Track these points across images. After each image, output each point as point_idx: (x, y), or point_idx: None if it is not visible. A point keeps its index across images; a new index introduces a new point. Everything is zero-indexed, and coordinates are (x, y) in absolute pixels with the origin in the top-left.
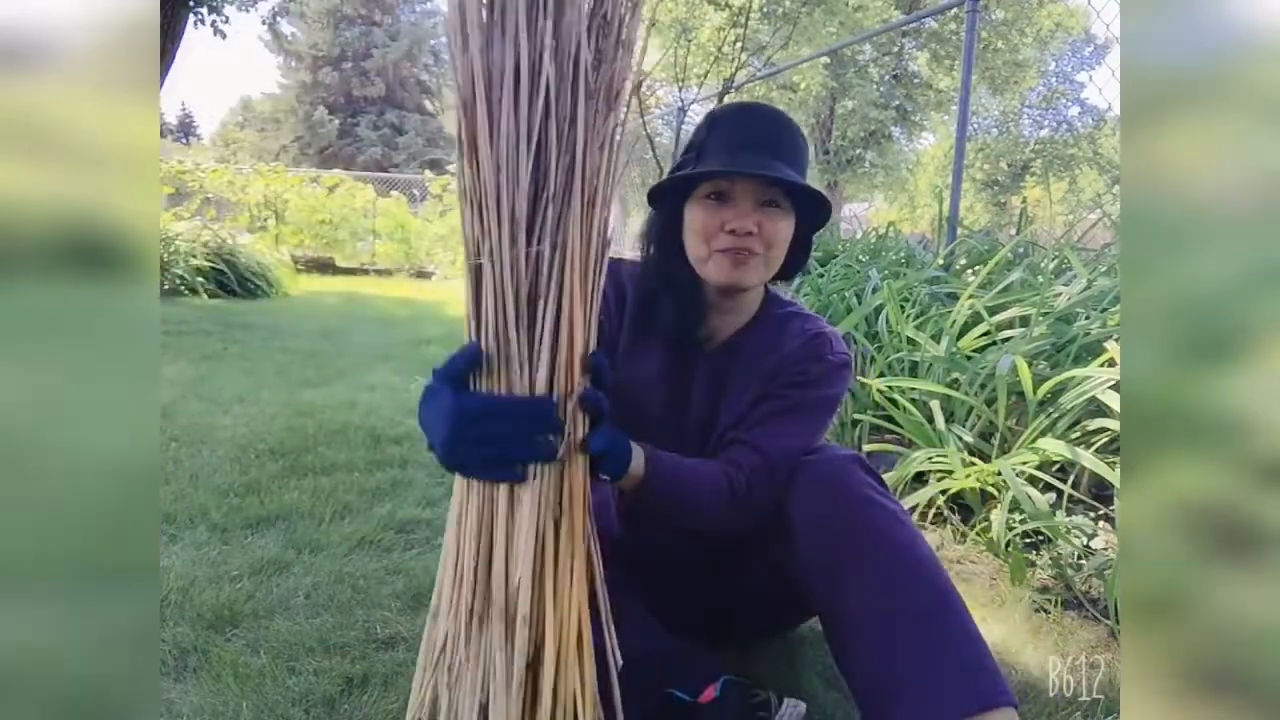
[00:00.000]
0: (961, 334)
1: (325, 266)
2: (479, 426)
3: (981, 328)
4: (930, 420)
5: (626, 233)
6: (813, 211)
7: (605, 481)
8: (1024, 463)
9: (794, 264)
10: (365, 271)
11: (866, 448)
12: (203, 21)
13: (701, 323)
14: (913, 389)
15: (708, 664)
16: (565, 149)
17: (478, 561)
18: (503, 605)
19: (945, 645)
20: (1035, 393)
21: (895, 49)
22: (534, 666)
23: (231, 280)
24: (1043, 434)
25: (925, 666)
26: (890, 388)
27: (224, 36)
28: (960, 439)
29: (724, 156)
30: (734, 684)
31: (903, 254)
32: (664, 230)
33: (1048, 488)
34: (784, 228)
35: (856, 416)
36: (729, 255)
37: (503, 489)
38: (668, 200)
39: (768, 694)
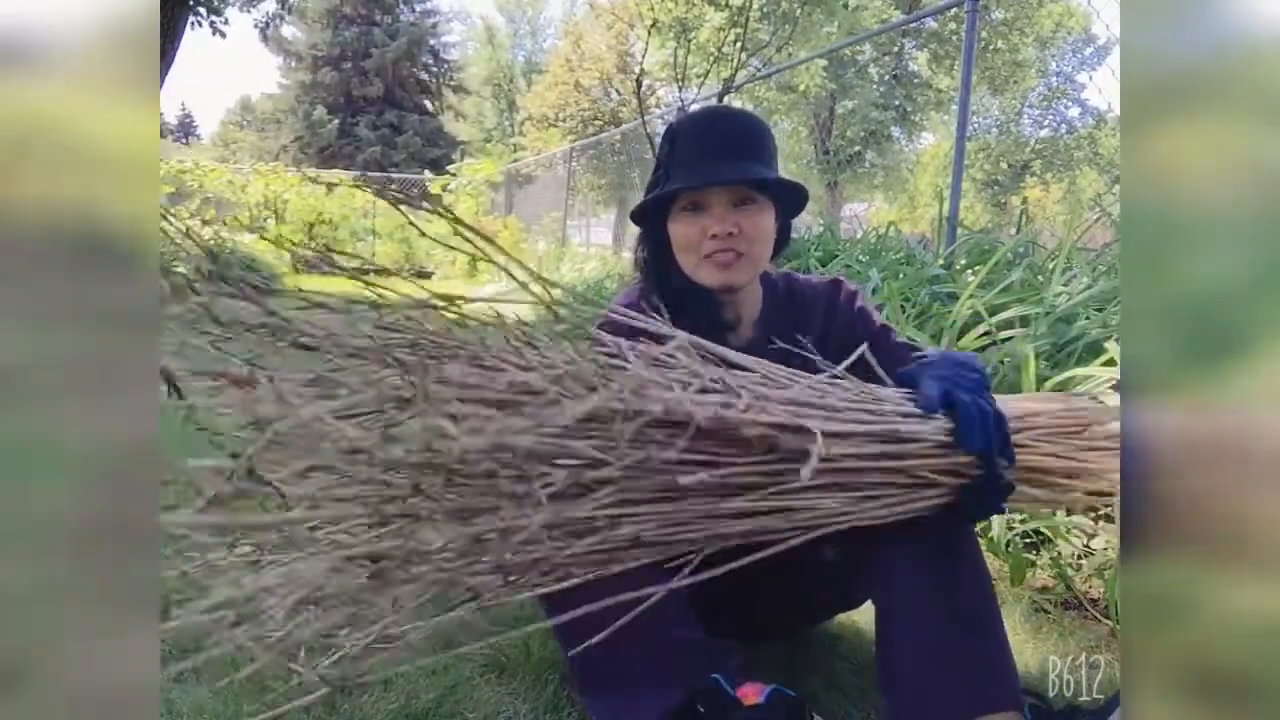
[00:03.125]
0: (961, 334)
1: None
2: None
3: (981, 328)
4: None
5: (627, 233)
6: (789, 197)
7: None
8: None
9: (776, 248)
10: (365, 271)
11: None
12: (201, 22)
13: (722, 314)
14: None
15: (740, 657)
16: None
17: None
18: None
19: (994, 644)
20: (1036, 392)
21: (895, 49)
22: None
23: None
24: None
25: (973, 663)
26: None
27: (224, 36)
28: None
29: (690, 168)
30: (781, 694)
31: (902, 254)
32: (655, 249)
33: None
34: (763, 222)
35: None
36: (716, 260)
37: None
38: (650, 219)
39: (811, 714)
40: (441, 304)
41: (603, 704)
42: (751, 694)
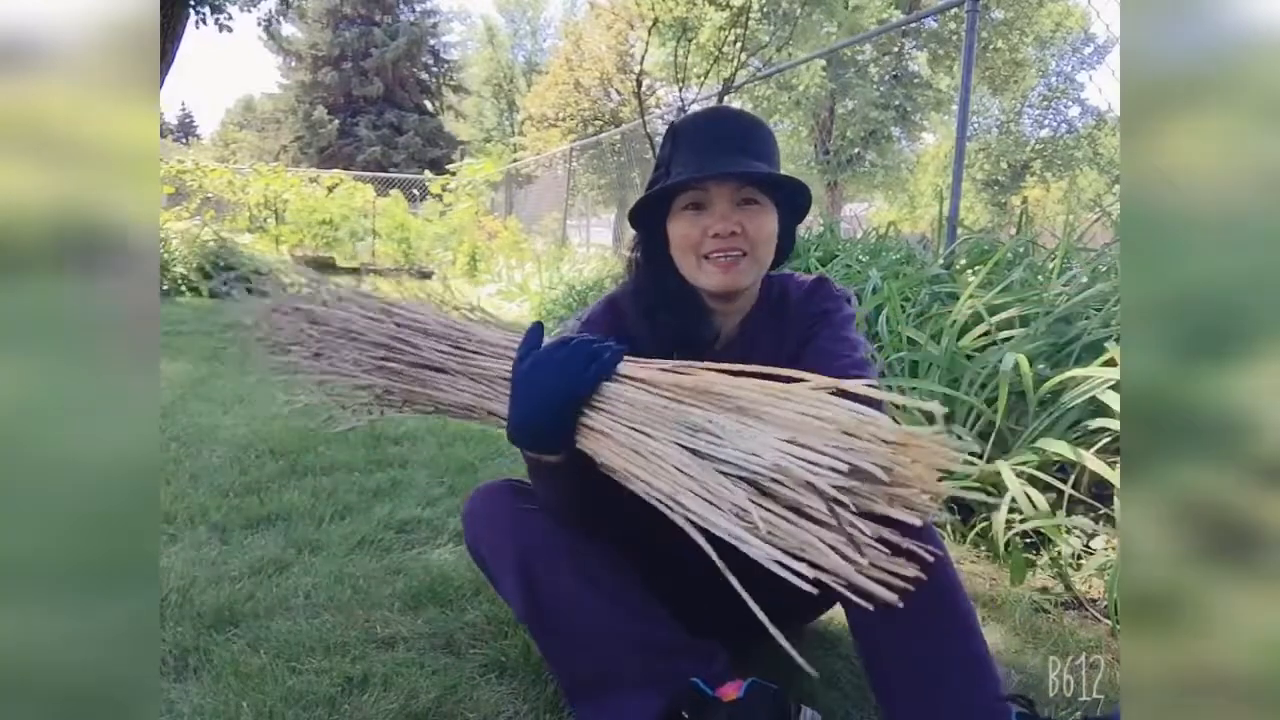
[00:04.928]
0: (961, 334)
1: (325, 266)
2: None
3: (981, 328)
4: (930, 420)
5: (626, 233)
6: (792, 201)
7: None
8: (1024, 462)
9: (780, 255)
10: (365, 271)
11: None
12: (204, 21)
13: (706, 327)
14: (913, 389)
15: (725, 659)
16: None
17: None
18: None
19: (970, 652)
20: (1036, 392)
21: (895, 49)
22: None
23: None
24: (1043, 434)
25: (959, 697)
26: (890, 388)
27: (230, 30)
28: (960, 439)
29: (693, 165)
30: (760, 686)
31: (903, 254)
32: (650, 248)
33: (1048, 488)
34: (766, 223)
35: None
36: (718, 261)
37: None
38: (648, 218)
39: (791, 703)
40: None
41: (589, 711)
42: (731, 691)
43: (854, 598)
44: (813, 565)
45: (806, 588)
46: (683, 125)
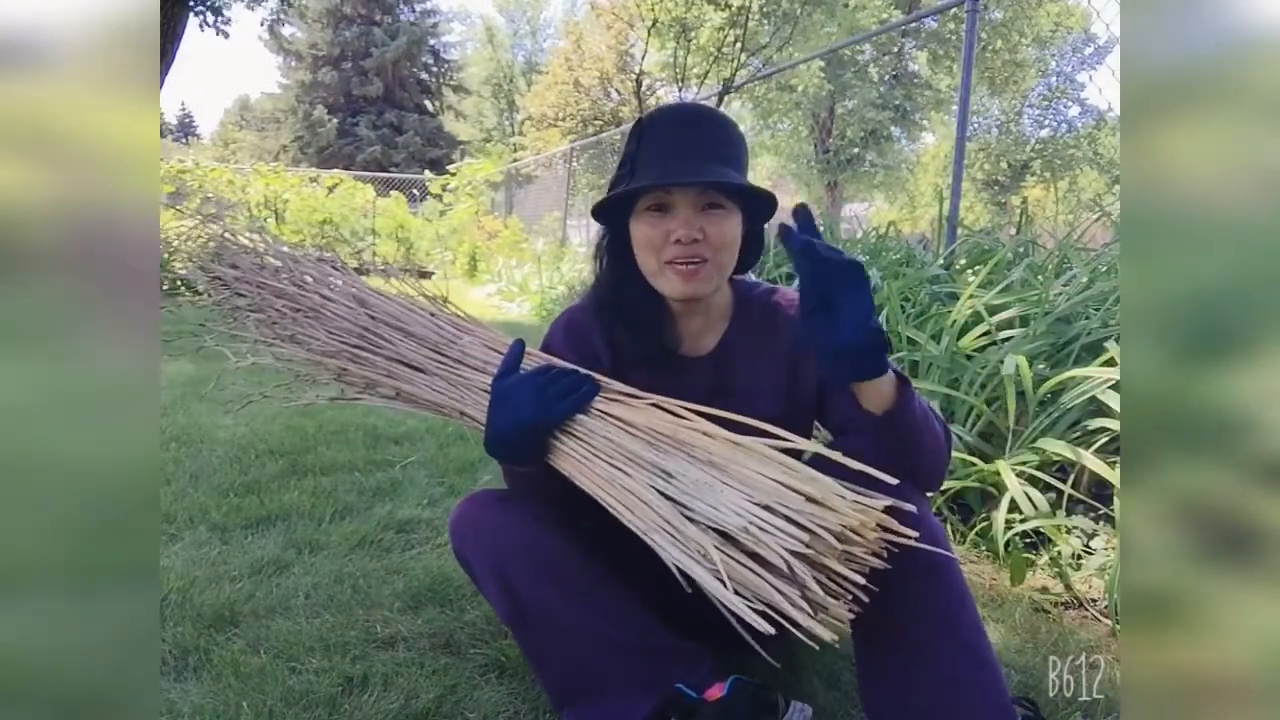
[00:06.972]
0: (961, 334)
1: None
2: None
3: (981, 328)
4: None
5: None
6: (758, 204)
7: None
8: (1024, 463)
9: (749, 258)
10: (365, 272)
11: None
12: (208, 23)
13: (665, 334)
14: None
15: (710, 661)
16: None
17: None
18: None
19: (976, 656)
20: (1036, 392)
21: (895, 49)
22: None
23: None
24: (1043, 434)
25: (954, 680)
26: None
27: (226, 36)
28: (960, 439)
29: (657, 167)
30: (743, 683)
31: (903, 254)
32: (614, 246)
33: (1048, 488)
34: (730, 228)
35: None
36: (679, 269)
37: None
38: (612, 216)
39: (776, 695)
40: None
41: (577, 717)
42: (717, 692)
43: (801, 635)
44: (766, 609)
45: (761, 628)
46: (650, 122)
